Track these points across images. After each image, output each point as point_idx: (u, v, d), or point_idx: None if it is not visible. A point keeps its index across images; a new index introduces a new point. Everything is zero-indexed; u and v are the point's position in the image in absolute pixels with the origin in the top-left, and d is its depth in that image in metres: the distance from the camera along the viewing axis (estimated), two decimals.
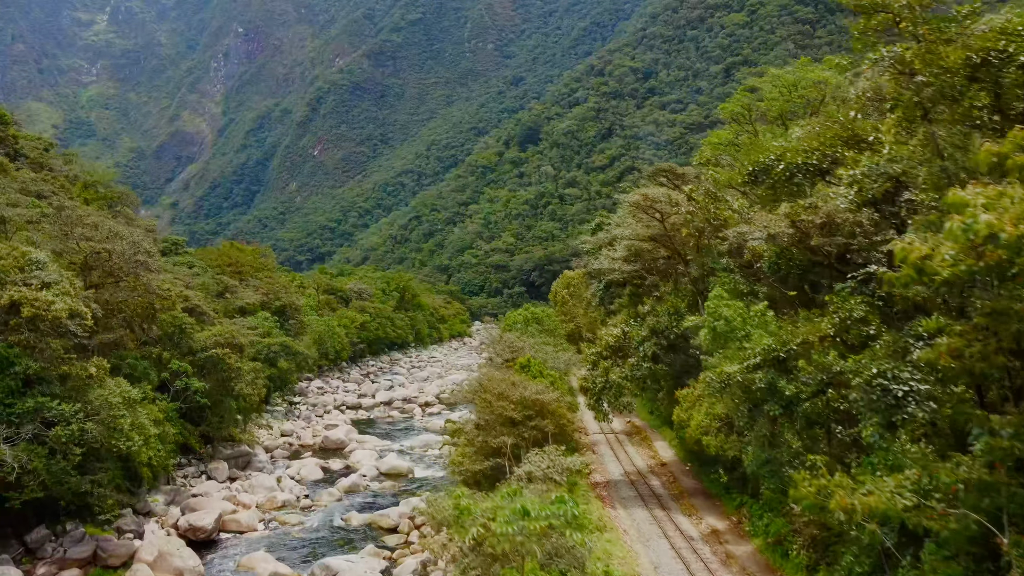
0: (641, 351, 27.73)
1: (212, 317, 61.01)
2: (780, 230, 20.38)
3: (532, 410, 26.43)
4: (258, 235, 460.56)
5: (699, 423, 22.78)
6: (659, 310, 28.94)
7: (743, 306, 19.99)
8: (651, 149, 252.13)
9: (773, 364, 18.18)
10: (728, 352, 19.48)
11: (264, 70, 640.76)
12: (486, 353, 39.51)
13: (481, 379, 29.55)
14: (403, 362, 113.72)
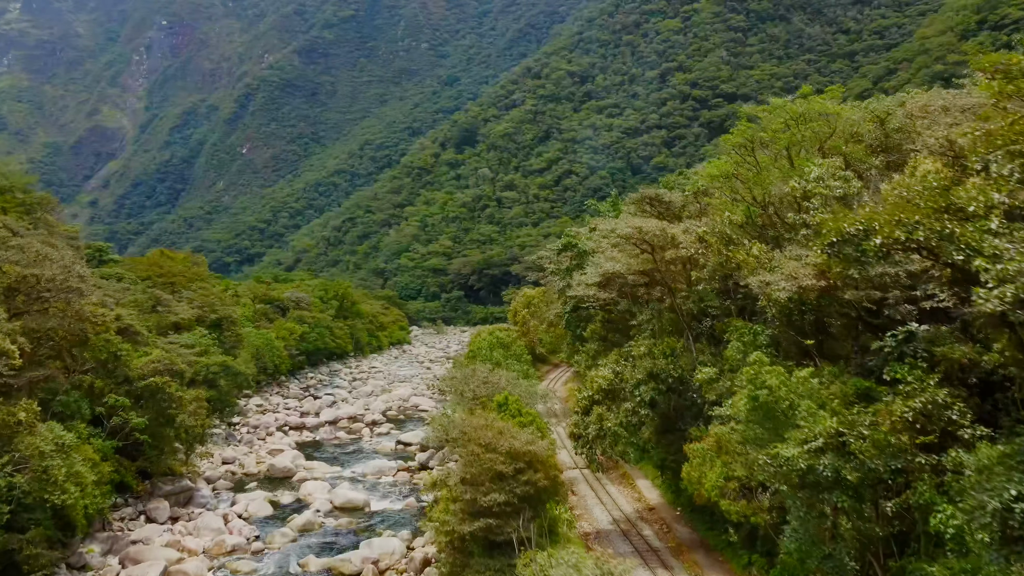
0: (638, 396, 26.14)
1: (146, 337, 57.18)
2: (810, 283, 19.00)
3: (523, 462, 24.55)
4: (184, 235, 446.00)
5: (714, 483, 21.25)
6: (655, 351, 27.40)
7: (783, 370, 18.49)
8: (589, 153, 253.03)
9: (836, 449, 16.66)
10: (769, 425, 17.81)
11: (190, 65, 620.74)
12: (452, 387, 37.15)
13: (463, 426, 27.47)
14: (343, 373, 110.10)
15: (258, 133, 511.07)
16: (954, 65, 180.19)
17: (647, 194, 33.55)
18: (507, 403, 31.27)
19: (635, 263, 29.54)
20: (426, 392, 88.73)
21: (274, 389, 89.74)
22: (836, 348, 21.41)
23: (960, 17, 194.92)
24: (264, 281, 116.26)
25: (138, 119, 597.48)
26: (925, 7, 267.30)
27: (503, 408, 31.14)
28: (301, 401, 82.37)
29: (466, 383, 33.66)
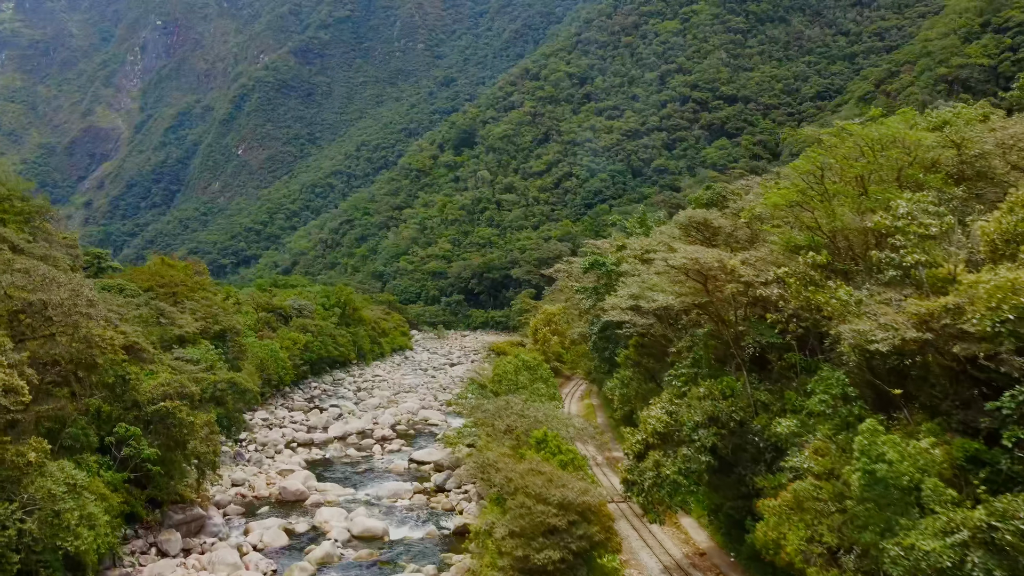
0: (697, 440, 24.52)
1: (152, 354, 55.39)
2: (913, 335, 17.35)
3: (576, 514, 22.91)
4: (179, 237, 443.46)
5: (797, 547, 19.53)
6: (715, 391, 25.77)
7: (900, 440, 16.78)
8: (588, 155, 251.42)
9: (986, 544, 15.00)
10: (888, 506, 16.07)
11: (184, 65, 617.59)
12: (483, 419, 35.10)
13: (507, 471, 25.77)
14: (347, 382, 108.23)
15: (253, 134, 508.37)
16: (958, 68, 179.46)
17: (695, 219, 31.88)
18: (547, 440, 29.60)
19: (688, 295, 27.91)
20: (434, 404, 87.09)
21: (279, 401, 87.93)
22: (921, 396, 19.82)
23: (963, 19, 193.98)
24: (266, 289, 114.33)
25: (132, 119, 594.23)
26: (925, 9, 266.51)
27: (542, 445, 29.47)
28: (307, 414, 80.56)
29: (499, 416, 31.97)
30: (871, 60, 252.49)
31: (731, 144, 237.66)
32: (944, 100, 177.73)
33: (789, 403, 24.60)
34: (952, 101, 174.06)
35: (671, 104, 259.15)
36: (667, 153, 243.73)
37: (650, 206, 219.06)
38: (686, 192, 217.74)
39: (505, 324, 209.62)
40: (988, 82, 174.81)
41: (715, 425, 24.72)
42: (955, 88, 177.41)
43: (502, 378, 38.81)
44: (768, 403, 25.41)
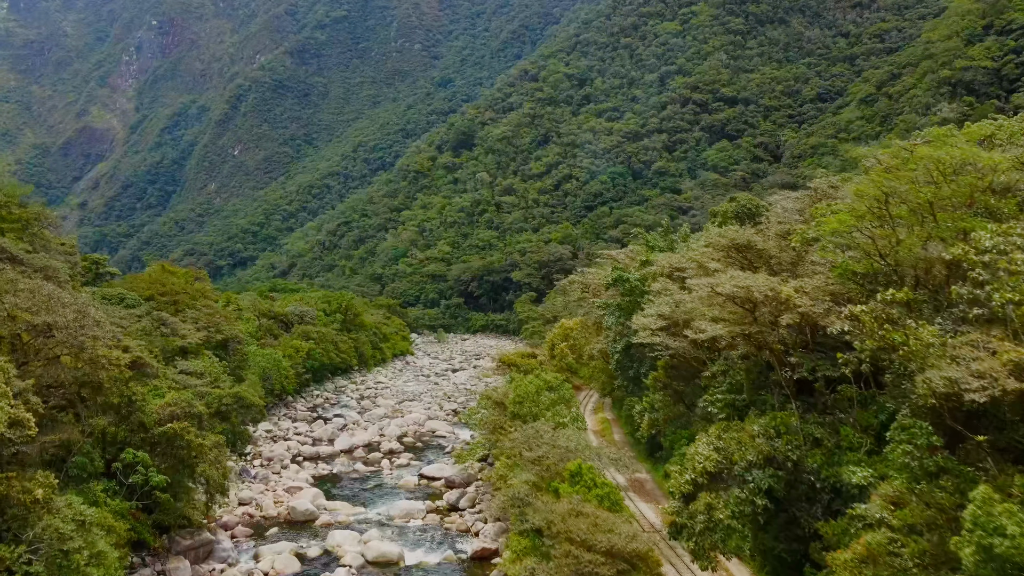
0: (751, 482, 23.11)
1: (156, 369, 53.87)
2: (1014, 386, 15.99)
3: (625, 562, 21.58)
4: (174, 238, 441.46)
5: None
6: (770, 429, 24.32)
7: (1016, 510, 15.39)
8: (588, 157, 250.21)
9: None
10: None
11: (180, 65, 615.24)
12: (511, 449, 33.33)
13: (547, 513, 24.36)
14: (349, 390, 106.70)
15: (249, 134, 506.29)
16: (961, 71, 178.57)
17: (738, 241, 30.48)
18: (581, 473, 28.22)
19: (733, 323, 26.48)
20: (440, 414, 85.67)
21: (281, 411, 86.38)
22: (1000, 441, 18.45)
23: (966, 21, 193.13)
24: (266, 295, 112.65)
25: (128, 120, 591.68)
26: (925, 11, 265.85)
27: (577, 479, 28.09)
28: (311, 425, 79.05)
29: (528, 445, 30.55)
30: (871, 62, 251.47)
31: (732, 146, 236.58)
32: (948, 103, 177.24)
33: (846, 440, 23.26)
34: (956, 104, 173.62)
35: (671, 106, 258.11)
36: (668, 155, 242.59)
37: (651, 208, 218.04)
38: (687, 194, 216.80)
39: (505, 328, 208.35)
40: (991, 85, 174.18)
41: (771, 466, 23.34)
42: (958, 91, 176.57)
43: (524, 399, 37.43)
44: (821, 438, 24.07)
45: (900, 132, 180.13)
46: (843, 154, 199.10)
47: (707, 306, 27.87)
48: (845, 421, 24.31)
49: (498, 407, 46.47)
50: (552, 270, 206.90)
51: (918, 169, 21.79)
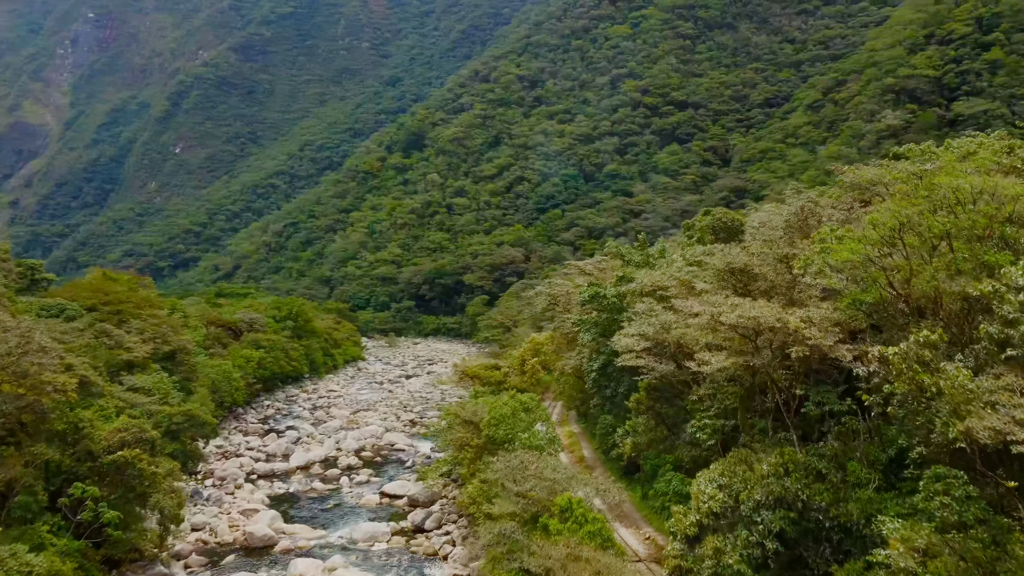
0: (760, 523, 22.01)
1: (102, 387, 50.93)
2: None
3: None
4: (113, 239, 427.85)
5: None
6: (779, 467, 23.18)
7: None
8: (541, 159, 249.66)
9: None
10: None
11: (119, 59, 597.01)
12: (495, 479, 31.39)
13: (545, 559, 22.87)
14: (301, 399, 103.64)
15: (192, 132, 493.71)
16: (904, 79, 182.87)
17: (734, 264, 29.39)
18: (572, 508, 26.85)
19: (737, 354, 25.38)
20: (397, 424, 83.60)
21: (232, 423, 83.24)
22: None
23: (908, 31, 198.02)
24: (214, 302, 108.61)
25: (63, 115, 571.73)
26: (868, 19, 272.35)
27: (567, 514, 26.73)
28: (264, 438, 76.17)
29: (514, 478, 29.02)
30: (817, 68, 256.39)
31: (682, 150, 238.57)
32: (892, 110, 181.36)
33: (853, 476, 22.35)
34: (900, 111, 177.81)
35: (623, 109, 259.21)
36: (619, 158, 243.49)
37: (604, 211, 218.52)
38: (639, 197, 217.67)
39: (458, 331, 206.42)
40: (933, 93, 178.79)
41: (782, 507, 22.31)
42: (902, 98, 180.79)
43: (500, 421, 35.99)
44: (825, 472, 23.17)
45: (846, 138, 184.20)
46: (791, 159, 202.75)
47: (706, 333, 26.74)
48: (850, 454, 23.48)
49: (468, 426, 44.84)
50: (505, 273, 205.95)
51: (931, 196, 21.08)
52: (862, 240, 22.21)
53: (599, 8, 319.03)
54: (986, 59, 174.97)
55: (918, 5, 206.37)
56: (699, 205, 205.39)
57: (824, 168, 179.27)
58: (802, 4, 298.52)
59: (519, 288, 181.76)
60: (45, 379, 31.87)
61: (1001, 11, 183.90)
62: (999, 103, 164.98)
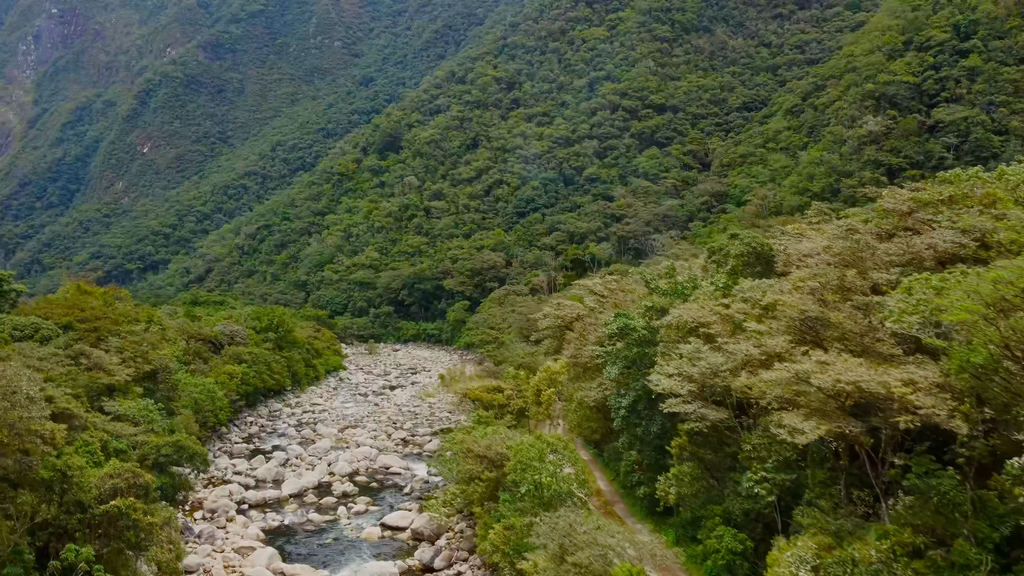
0: None
1: (85, 419, 47.67)
2: None
3: None
4: (79, 240, 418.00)
5: None
6: (887, 552, 20.89)
7: None
8: (519, 163, 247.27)
9: None
10: None
11: (83, 56, 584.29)
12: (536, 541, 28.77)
13: None
14: (285, 415, 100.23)
15: (160, 131, 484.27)
16: (884, 84, 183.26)
17: (809, 314, 26.95)
18: None
19: (825, 420, 23.06)
20: (389, 444, 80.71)
21: (216, 444, 79.81)
22: None
23: (886, 37, 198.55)
24: (192, 313, 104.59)
25: (26, 114, 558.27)
26: (843, 24, 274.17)
27: None
28: (251, 461, 72.91)
29: (561, 544, 26.43)
30: (793, 72, 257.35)
31: (662, 154, 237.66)
32: (872, 116, 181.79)
33: (961, 556, 20.20)
34: (880, 117, 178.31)
35: (601, 112, 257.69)
36: (599, 161, 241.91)
37: (584, 215, 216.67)
38: (620, 202, 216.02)
39: (438, 337, 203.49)
40: (913, 99, 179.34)
41: None
42: (882, 104, 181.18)
43: (527, 466, 33.57)
44: (922, 548, 21.06)
45: (828, 144, 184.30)
46: (772, 164, 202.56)
47: (783, 389, 24.39)
48: (952, 529, 21.42)
49: (480, 460, 42.32)
50: (485, 278, 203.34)
51: None
52: (974, 295, 20.19)
53: (575, 10, 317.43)
54: (964, 66, 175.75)
55: (895, 11, 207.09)
56: (680, 210, 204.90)
57: (806, 173, 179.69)
58: (777, 8, 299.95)
59: (502, 294, 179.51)
60: (32, 428, 28.84)
61: (978, 18, 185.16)
62: (978, 110, 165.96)
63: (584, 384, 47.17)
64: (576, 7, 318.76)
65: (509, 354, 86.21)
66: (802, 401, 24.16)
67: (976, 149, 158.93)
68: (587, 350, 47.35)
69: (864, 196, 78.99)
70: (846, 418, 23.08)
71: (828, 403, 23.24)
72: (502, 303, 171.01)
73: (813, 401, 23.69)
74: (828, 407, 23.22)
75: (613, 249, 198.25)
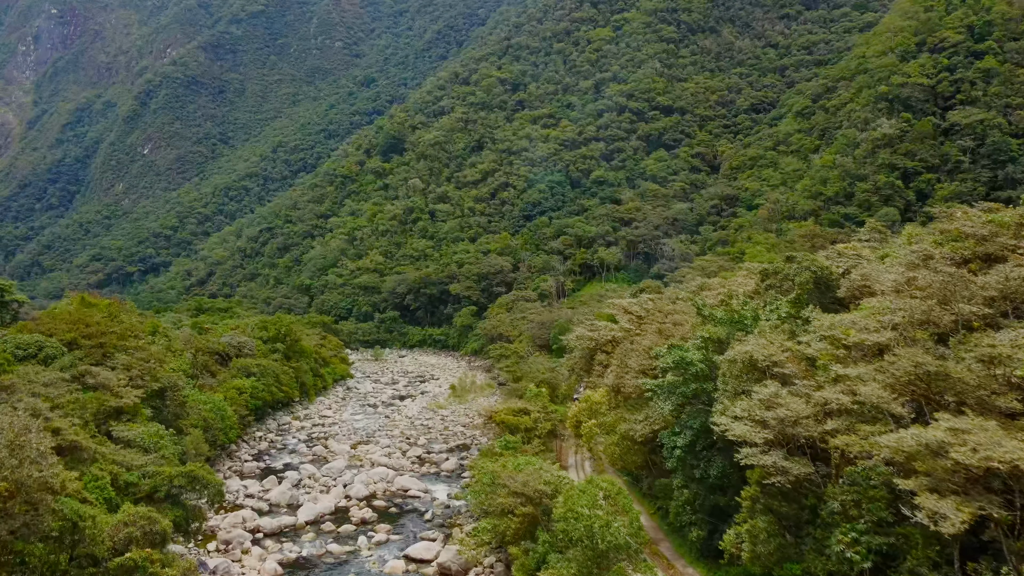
0: None
1: (93, 452, 45.00)
2: None
3: None
4: (79, 242, 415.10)
5: None
6: None
7: None
8: (526, 165, 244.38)
9: None
10: None
11: (83, 57, 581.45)
12: None
13: None
14: (294, 428, 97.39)
15: (161, 132, 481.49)
16: (899, 87, 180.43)
17: (927, 368, 24.03)
18: None
19: (964, 498, 20.25)
20: (404, 462, 77.81)
21: (226, 463, 77.03)
22: None
23: (899, 38, 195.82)
24: (198, 323, 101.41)
25: (25, 114, 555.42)
26: (851, 24, 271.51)
27: None
28: (263, 482, 70.06)
29: None
30: (802, 73, 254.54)
31: (670, 156, 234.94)
32: (887, 118, 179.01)
33: None
34: (895, 120, 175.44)
35: (608, 114, 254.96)
36: (606, 164, 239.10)
37: (592, 219, 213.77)
38: (628, 205, 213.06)
39: (445, 343, 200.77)
40: (927, 101, 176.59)
41: None
42: (896, 107, 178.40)
43: (579, 516, 30.87)
44: None
45: (841, 147, 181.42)
46: (783, 167, 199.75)
47: (921, 465, 21.17)
48: None
49: (517, 496, 39.57)
50: (492, 283, 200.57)
51: None
52: None
53: (580, 10, 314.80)
54: (980, 68, 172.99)
55: (907, 12, 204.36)
56: (690, 214, 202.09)
57: (819, 177, 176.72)
58: (784, 8, 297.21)
59: (510, 300, 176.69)
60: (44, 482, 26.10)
61: (993, 19, 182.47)
62: (995, 112, 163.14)
63: (627, 415, 44.35)
64: (581, 7, 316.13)
65: (528, 369, 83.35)
66: (933, 474, 21.21)
67: (993, 153, 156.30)
68: (630, 379, 44.54)
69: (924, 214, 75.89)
70: (989, 496, 20.38)
71: (968, 481, 20.46)
72: (511, 309, 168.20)
73: (944, 474, 20.82)
74: (967, 483, 20.42)
75: (622, 253, 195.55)
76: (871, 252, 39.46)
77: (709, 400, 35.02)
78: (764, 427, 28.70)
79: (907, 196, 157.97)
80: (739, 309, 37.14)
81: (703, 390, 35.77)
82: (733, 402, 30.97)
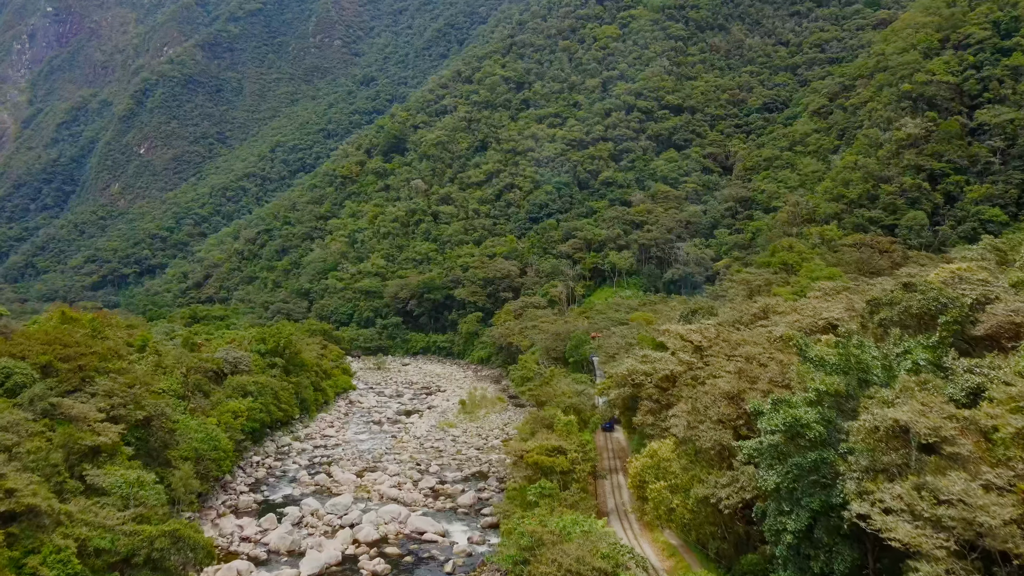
0: None
1: (57, 512, 37.84)
2: None
3: None
4: (74, 243, 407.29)
5: None
6: None
7: None
8: (532, 166, 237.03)
9: None
10: None
11: (79, 55, 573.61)
12: None
13: None
14: (294, 452, 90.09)
15: (157, 132, 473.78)
16: (922, 85, 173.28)
17: None
18: None
19: None
20: (417, 497, 70.57)
21: (219, 496, 69.81)
22: None
23: (921, 35, 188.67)
24: (194, 343, 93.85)
25: (20, 113, 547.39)
26: (863, 22, 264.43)
27: None
28: (260, 520, 62.91)
29: None
30: (815, 72, 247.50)
31: (680, 156, 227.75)
32: (911, 118, 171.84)
33: None
34: (919, 119, 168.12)
35: (616, 113, 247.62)
36: (615, 165, 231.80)
37: (602, 222, 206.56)
38: (639, 207, 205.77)
39: (449, 350, 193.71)
40: (953, 100, 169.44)
41: None
42: (920, 106, 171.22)
43: None
44: None
45: (862, 147, 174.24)
46: (801, 168, 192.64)
47: None
48: None
49: (568, 573, 32.56)
50: (499, 288, 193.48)
51: None
52: None
53: (586, 7, 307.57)
54: (1007, 64, 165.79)
55: (929, 8, 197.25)
56: (703, 217, 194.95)
57: (841, 179, 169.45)
58: (795, 5, 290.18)
59: (519, 306, 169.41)
60: None
61: (1020, 15, 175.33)
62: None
63: (702, 475, 37.21)
64: (586, 4, 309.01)
65: (553, 392, 76.01)
66: None
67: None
68: (707, 431, 37.26)
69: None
70: None
71: None
72: (519, 316, 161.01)
73: None
74: None
75: (634, 257, 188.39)
76: (988, 275, 32.44)
77: (832, 474, 27.93)
78: (940, 528, 21.54)
79: (935, 199, 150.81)
80: (858, 352, 30.00)
81: (823, 460, 28.46)
82: (876, 484, 23.94)
